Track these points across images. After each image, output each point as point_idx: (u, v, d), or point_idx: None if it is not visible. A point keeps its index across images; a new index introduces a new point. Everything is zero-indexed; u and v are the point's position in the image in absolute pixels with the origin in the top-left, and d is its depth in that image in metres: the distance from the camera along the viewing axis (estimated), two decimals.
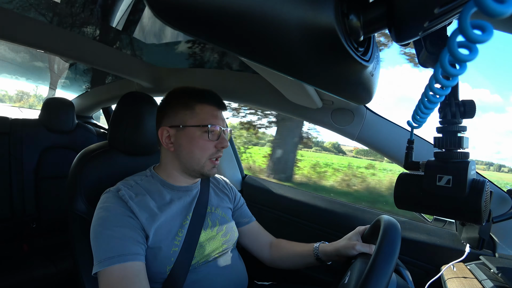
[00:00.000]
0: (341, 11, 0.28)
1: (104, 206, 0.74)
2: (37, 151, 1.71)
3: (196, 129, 0.80)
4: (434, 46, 0.38)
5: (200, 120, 0.80)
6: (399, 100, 23.03)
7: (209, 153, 0.81)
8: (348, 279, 0.70)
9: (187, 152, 0.81)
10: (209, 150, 0.81)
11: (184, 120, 0.80)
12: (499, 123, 17.47)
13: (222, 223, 0.92)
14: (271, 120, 4.53)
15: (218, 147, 0.82)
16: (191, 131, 0.80)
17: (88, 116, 2.61)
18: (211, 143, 0.81)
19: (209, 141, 0.80)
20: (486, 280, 0.78)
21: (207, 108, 0.81)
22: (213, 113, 0.82)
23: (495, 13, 0.17)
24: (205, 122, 0.79)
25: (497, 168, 4.82)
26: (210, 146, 0.81)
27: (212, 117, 0.81)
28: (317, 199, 1.33)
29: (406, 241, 1.07)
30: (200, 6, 0.19)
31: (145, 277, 0.69)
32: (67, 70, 2.12)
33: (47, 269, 1.44)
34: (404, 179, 0.49)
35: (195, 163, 0.81)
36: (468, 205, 0.41)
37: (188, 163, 0.82)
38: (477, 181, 0.41)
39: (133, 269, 0.67)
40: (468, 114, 0.43)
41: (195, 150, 0.80)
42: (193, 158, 0.81)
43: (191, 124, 0.80)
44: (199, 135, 0.79)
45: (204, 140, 0.80)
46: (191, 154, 0.81)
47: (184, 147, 0.81)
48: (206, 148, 0.80)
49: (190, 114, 0.80)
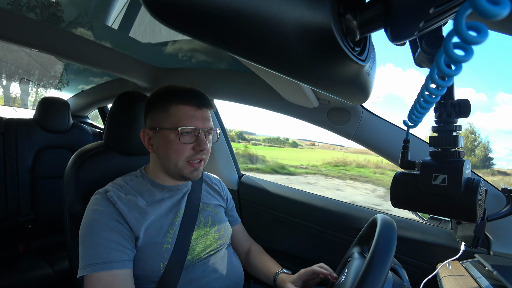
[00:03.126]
0: (338, 11, 0.29)
1: (92, 209, 0.74)
2: (33, 151, 1.70)
3: (170, 131, 0.77)
4: (430, 46, 0.38)
5: (173, 122, 0.77)
6: (386, 97, 23.26)
7: (185, 156, 0.78)
8: (344, 277, 0.70)
9: (164, 155, 0.80)
10: (184, 153, 0.78)
11: (159, 122, 0.78)
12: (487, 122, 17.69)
13: (214, 219, 0.92)
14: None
15: (196, 149, 0.78)
16: (166, 133, 0.77)
17: (84, 115, 2.60)
18: (187, 146, 0.78)
19: (184, 143, 0.77)
20: (481, 277, 0.79)
21: (183, 108, 0.77)
22: (189, 113, 0.77)
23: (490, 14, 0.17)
24: (178, 124, 0.76)
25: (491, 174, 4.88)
26: (185, 149, 0.78)
27: (187, 118, 0.77)
28: (313, 199, 1.34)
29: (402, 239, 1.08)
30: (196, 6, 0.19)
31: (132, 285, 0.70)
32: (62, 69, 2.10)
33: (43, 270, 1.43)
34: (400, 179, 0.49)
35: (173, 166, 0.79)
36: (463, 203, 0.41)
37: (166, 166, 0.81)
38: (472, 180, 0.42)
39: (119, 277, 0.68)
40: (463, 113, 0.43)
41: (171, 153, 0.78)
42: (169, 161, 0.79)
43: (165, 126, 0.77)
44: (173, 138, 0.76)
45: (178, 142, 0.76)
46: (167, 157, 0.79)
47: (161, 149, 0.80)
48: (181, 151, 0.77)
49: (165, 116, 0.78)
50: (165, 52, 1.34)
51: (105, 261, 0.67)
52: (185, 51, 1.28)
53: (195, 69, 1.43)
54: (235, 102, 1.35)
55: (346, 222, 1.21)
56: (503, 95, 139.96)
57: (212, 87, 1.37)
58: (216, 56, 1.25)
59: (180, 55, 1.34)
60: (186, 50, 1.28)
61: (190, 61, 1.39)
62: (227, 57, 1.21)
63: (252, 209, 1.47)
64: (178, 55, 1.34)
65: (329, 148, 17.86)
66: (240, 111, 28.95)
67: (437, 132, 0.45)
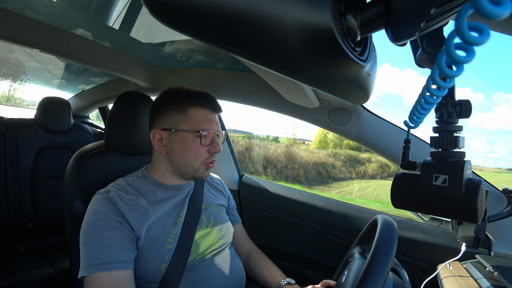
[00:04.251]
0: (339, 11, 0.29)
1: (93, 209, 0.74)
2: (33, 151, 1.70)
3: (188, 133, 0.78)
4: (431, 47, 0.38)
5: (193, 124, 0.78)
6: (384, 96, 23.25)
7: (203, 158, 0.80)
8: (345, 278, 0.70)
9: (180, 156, 0.80)
10: (202, 156, 0.80)
11: (176, 124, 0.79)
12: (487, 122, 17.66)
13: (217, 219, 0.92)
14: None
15: (211, 152, 0.80)
16: (184, 135, 0.78)
17: (85, 115, 2.60)
18: (204, 148, 0.79)
19: (202, 146, 0.79)
20: (481, 278, 0.79)
21: (201, 111, 0.79)
22: (206, 116, 0.79)
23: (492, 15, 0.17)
24: (198, 127, 0.78)
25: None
26: (203, 151, 0.79)
27: (206, 121, 0.79)
28: (314, 199, 1.34)
29: (402, 240, 1.08)
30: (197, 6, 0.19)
31: (133, 286, 0.70)
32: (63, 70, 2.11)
33: (43, 270, 1.43)
34: (400, 179, 0.49)
35: (189, 167, 0.80)
36: (464, 204, 0.41)
37: (181, 167, 0.81)
38: (473, 181, 0.42)
39: (120, 277, 0.68)
40: (464, 114, 0.43)
41: (188, 155, 0.79)
42: (186, 162, 0.80)
43: (184, 128, 0.78)
44: (192, 140, 0.78)
45: (197, 145, 0.78)
46: (184, 159, 0.80)
47: (176, 151, 0.80)
48: (199, 153, 0.79)
49: (183, 118, 0.78)
50: (165, 52, 1.34)
51: (106, 261, 0.67)
52: (186, 51, 1.28)
53: (196, 69, 1.43)
54: (236, 102, 1.35)
55: (347, 222, 1.21)
56: (501, 95, 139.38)
57: (213, 87, 1.37)
58: (216, 56, 1.25)
59: (180, 55, 1.34)
60: (186, 50, 1.28)
61: (190, 61, 1.39)
62: (227, 57, 1.21)
63: (253, 209, 1.47)
64: (179, 55, 1.34)
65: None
66: (235, 110, 29.05)
67: (438, 132, 0.45)
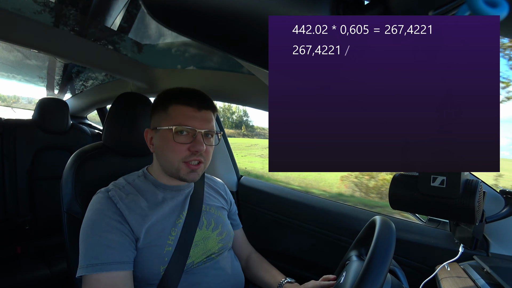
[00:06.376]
0: (337, 13, 0.29)
1: (93, 208, 0.73)
2: (31, 151, 1.69)
3: (167, 130, 0.77)
4: None
5: (170, 121, 0.77)
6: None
7: (182, 156, 0.77)
8: (343, 279, 0.70)
9: (161, 154, 0.80)
10: (180, 153, 0.77)
11: (159, 122, 0.79)
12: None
13: (217, 222, 0.91)
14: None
15: (192, 150, 0.77)
16: (164, 133, 0.78)
17: (83, 116, 2.59)
18: (183, 146, 0.77)
19: (179, 143, 0.76)
20: (479, 279, 0.79)
21: (181, 108, 0.78)
22: (187, 113, 0.77)
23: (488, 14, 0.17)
24: (175, 124, 0.76)
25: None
26: (181, 149, 0.77)
27: (186, 118, 0.77)
28: (312, 200, 1.34)
29: (400, 241, 1.08)
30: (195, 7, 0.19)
31: (131, 287, 0.70)
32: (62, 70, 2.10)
33: (41, 271, 1.42)
34: (398, 180, 0.49)
35: (169, 165, 0.79)
36: (462, 205, 0.41)
37: (164, 165, 0.81)
38: (471, 182, 0.42)
39: (119, 278, 0.67)
40: None
41: (167, 153, 0.78)
42: (166, 160, 0.79)
43: (163, 125, 0.78)
44: (170, 137, 0.76)
45: (174, 142, 0.76)
46: (164, 156, 0.80)
47: (159, 149, 0.80)
48: (177, 150, 0.77)
49: (164, 116, 0.78)
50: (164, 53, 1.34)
51: (104, 262, 0.66)
52: (184, 52, 1.29)
53: (194, 70, 1.43)
54: (234, 103, 1.35)
55: (345, 224, 1.21)
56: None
57: (211, 88, 1.36)
58: (214, 57, 1.25)
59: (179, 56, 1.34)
60: (185, 51, 1.28)
61: (189, 62, 1.39)
62: (226, 58, 1.21)
63: (251, 210, 1.47)
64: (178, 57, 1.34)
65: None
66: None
67: None
